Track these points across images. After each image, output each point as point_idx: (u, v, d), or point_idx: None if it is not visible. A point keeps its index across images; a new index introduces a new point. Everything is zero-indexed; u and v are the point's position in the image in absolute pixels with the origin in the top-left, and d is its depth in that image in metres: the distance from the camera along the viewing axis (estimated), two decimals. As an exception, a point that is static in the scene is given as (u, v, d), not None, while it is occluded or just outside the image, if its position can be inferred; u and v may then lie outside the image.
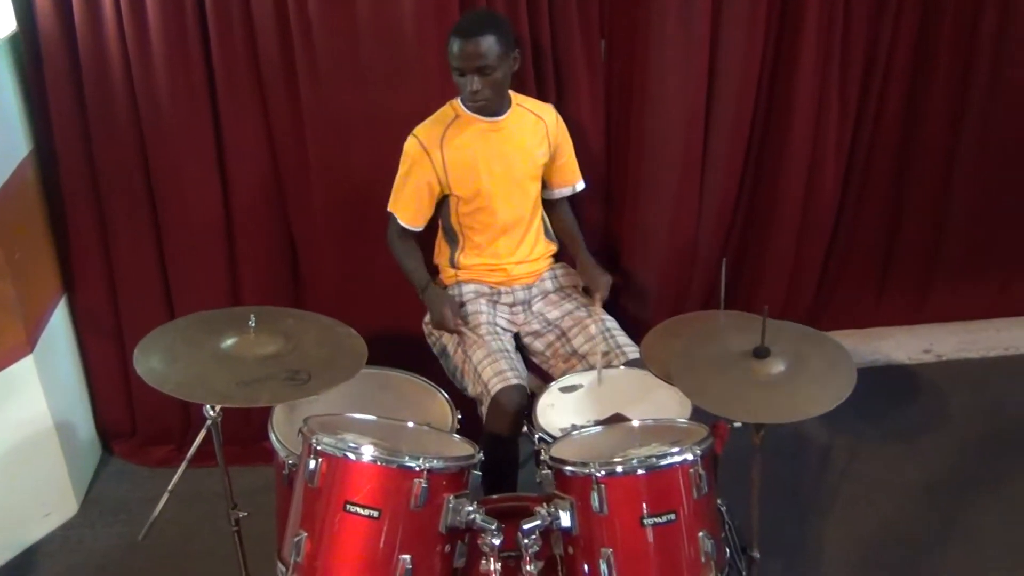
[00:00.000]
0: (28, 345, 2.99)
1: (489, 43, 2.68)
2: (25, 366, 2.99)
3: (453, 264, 3.02)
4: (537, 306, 3.02)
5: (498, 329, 2.89)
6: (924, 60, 3.54)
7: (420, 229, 2.96)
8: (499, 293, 2.99)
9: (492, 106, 2.82)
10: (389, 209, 2.94)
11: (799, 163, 3.51)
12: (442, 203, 2.96)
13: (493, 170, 2.85)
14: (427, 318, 3.04)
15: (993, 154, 3.74)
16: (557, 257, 3.12)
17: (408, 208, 2.92)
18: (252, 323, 2.40)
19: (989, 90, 3.61)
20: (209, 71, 3.06)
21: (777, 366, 2.23)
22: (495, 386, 2.66)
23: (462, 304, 2.95)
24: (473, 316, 2.89)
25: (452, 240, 3.00)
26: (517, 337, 3.00)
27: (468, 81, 2.72)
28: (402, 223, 2.93)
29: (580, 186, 3.12)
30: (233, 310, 2.57)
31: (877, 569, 2.94)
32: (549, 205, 3.11)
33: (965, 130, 3.68)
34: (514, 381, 2.67)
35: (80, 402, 3.44)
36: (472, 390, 2.80)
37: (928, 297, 4.08)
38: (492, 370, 2.70)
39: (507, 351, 2.80)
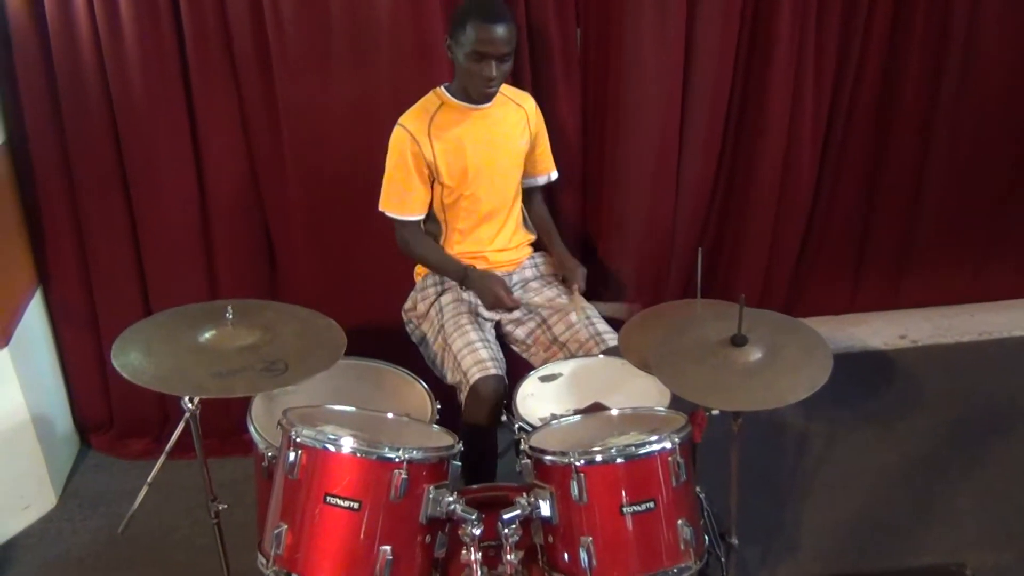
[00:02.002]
0: (3, 338, 2.97)
1: (511, 29, 2.65)
2: (0, 359, 2.97)
3: None
4: (518, 293, 3.01)
5: (479, 319, 2.89)
6: (898, 46, 3.56)
7: (418, 218, 2.90)
8: (480, 281, 2.98)
9: (496, 94, 2.80)
10: (385, 210, 2.88)
11: (775, 151, 3.53)
12: None
13: (479, 158, 2.84)
14: (407, 305, 3.04)
15: (966, 142, 3.77)
16: (536, 246, 3.12)
17: (398, 199, 2.86)
18: (229, 315, 2.38)
19: (962, 77, 3.64)
20: (183, 60, 3.04)
21: (754, 354, 2.24)
22: (474, 375, 2.65)
23: (443, 291, 2.94)
24: (455, 304, 2.88)
25: (435, 229, 2.99)
26: (498, 327, 2.99)
27: (486, 67, 2.66)
28: (406, 217, 2.88)
29: (554, 175, 3.11)
30: (212, 304, 2.55)
31: (854, 553, 2.96)
32: (524, 195, 3.10)
33: (938, 117, 3.71)
34: (493, 371, 2.66)
35: (57, 395, 3.42)
36: (451, 378, 2.80)
37: (903, 283, 4.11)
38: (472, 359, 2.70)
39: (487, 340, 2.79)
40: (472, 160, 2.83)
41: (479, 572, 2.13)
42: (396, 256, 2.97)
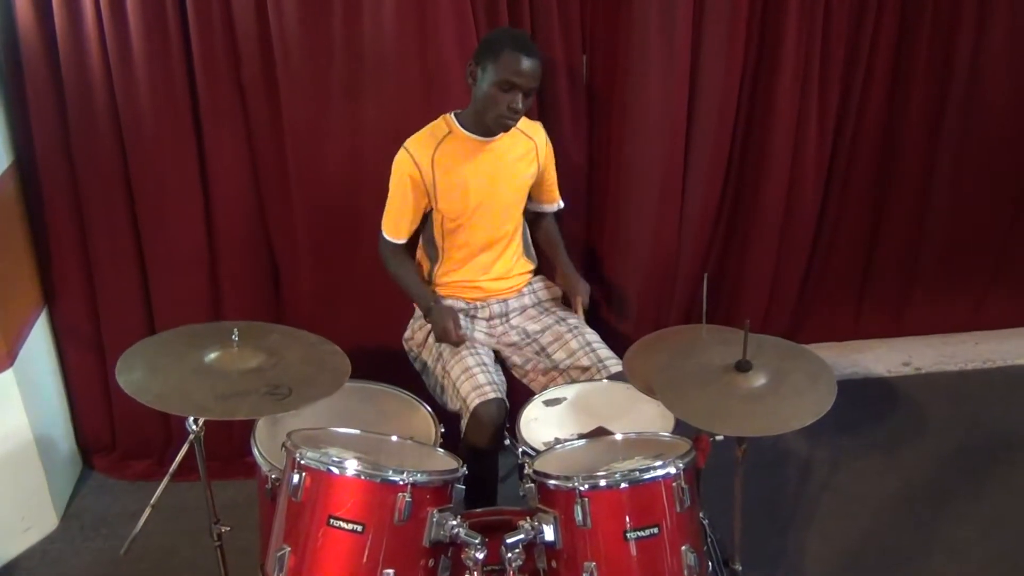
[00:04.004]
0: (8, 359, 2.97)
1: (540, 66, 2.66)
2: (5, 380, 2.97)
3: (430, 279, 3.01)
4: (516, 320, 3.01)
5: (476, 344, 2.88)
6: (902, 74, 3.58)
7: (403, 241, 2.93)
8: (476, 308, 2.98)
9: (512, 127, 2.78)
10: (382, 230, 2.92)
11: (779, 177, 3.54)
12: (426, 217, 2.94)
13: (480, 189, 2.83)
14: (407, 334, 3.04)
15: (970, 169, 3.79)
16: (539, 269, 3.12)
17: (393, 221, 2.89)
18: (235, 337, 2.39)
19: (966, 106, 3.66)
20: (191, 85, 3.05)
21: (759, 380, 2.25)
22: (474, 401, 2.65)
23: None
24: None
25: (432, 255, 2.99)
26: (496, 353, 2.98)
27: (513, 99, 2.64)
28: (386, 235, 2.90)
29: (560, 204, 3.12)
30: (218, 324, 2.55)
31: (858, 581, 2.95)
32: (533, 218, 3.11)
33: (942, 146, 3.73)
34: (492, 395, 2.66)
35: (60, 416, 3.42)
36: (452, 405, 2.80)
37: (907, 310, 4.11)
38: (470, 384, 2.70)
39: (485, 364, 2.79)
40: (474, 193, 2.83)
41: (482, 596, 2.13)
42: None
